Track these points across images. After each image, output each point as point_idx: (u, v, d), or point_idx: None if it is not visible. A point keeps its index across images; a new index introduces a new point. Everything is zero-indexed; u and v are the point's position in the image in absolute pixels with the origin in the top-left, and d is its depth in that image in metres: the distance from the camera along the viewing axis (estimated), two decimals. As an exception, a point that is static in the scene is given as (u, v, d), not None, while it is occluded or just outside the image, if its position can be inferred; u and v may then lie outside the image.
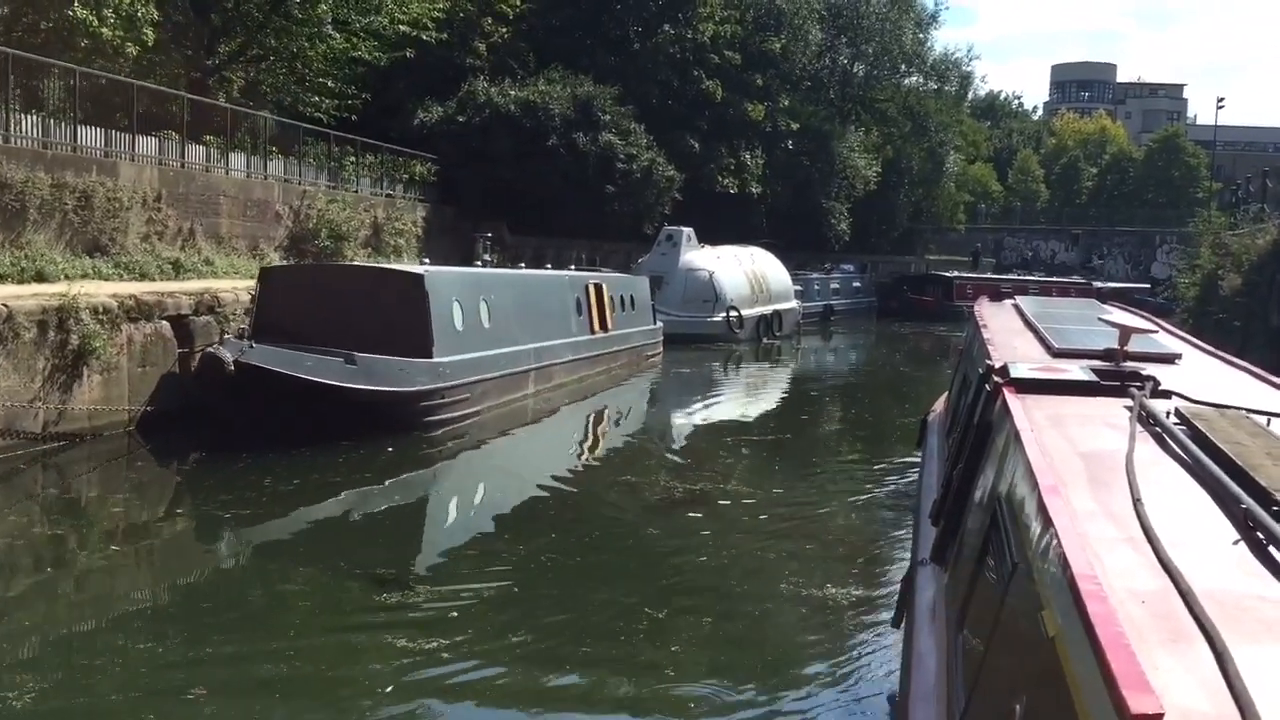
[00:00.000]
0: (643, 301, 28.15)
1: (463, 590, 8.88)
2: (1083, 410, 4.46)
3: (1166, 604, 2.36)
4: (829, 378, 30.14)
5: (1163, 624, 2.26)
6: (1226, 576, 2.56)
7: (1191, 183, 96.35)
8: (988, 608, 3.41)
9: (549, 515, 11.72)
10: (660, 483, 13.26)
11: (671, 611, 8.51)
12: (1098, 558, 2.58)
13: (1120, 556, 2.66)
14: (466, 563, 9.92)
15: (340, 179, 28.38)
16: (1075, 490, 3.23)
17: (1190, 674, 2.04)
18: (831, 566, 9.86)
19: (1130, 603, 2.35)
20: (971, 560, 4.09)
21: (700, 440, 18.33)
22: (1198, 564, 2.57)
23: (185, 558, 10.26)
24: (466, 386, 16.78)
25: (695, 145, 41.76)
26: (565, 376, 21.70)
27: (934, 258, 65.65)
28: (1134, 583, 2.48)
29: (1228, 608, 2.32)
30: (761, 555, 10.37)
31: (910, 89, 60.97)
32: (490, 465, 15.03)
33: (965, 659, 3.63)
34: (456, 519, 12.31)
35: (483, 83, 36.07)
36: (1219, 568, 2.62)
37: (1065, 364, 5.41)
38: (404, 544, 10.62)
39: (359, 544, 10.36)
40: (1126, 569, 2.57)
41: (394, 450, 14.12)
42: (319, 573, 9.41)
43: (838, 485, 14.07)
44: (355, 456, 13.58)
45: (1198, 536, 2.85)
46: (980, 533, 4.07)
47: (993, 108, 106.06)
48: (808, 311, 43.54)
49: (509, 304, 19.28)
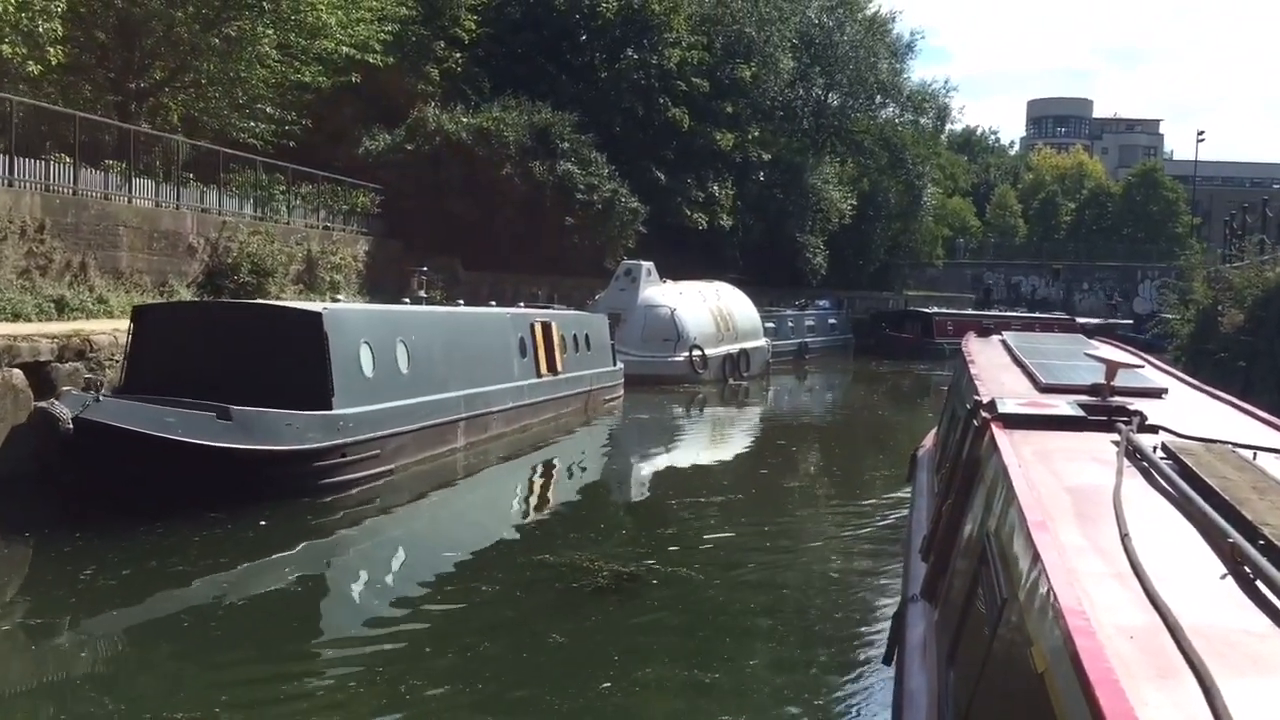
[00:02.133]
0: (600, 341, 25.96)
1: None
2: (1070, 445, 4.46)
3: (1155, 639, 2.35)
4: (802, 422, 27.95)
5: (1151, 660, 2.25)
6: (1214, 611, 2.54)
7: (1170, 217, 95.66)
8: (977, 644, 3.42)
9: (460, 613, 9.44)
10: (613, 540, 11.09)
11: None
12: (1086, 593, 2.58)
13: (1108, 592, 2.65)
14: (327, 694, 7.61)
15: (269, 209, 26.17)
16: (1063, 525, 3.23)
17: (1178, 710, 2.03)
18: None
19: (1118, 638, 2.34)
20: (961, 596, 4.09)
21: (657, 493, 16.17)
22: (1185, 599, 2.55)
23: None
24: (375, 442, 14.50)
25: (661, 176, 39.78)
26: (505, 426, 19.44)
27: (913, 293, 63.74)
28: (1122, 618, 2.47)
29: (1215, 643, 2.31)
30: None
31: (886, 120, 59.28)
32: (391, 538, 12.62)
33: (956, 695, 3.62)
34: (327, 619, 9.65)
35: (433, 109, 34.03)
36: (1207, 603, 2.60)
37: (1052, 399, 5.38)
38: (242, 664, 8.25)
39: (174, 669, 8.02)
40: (1114, 604, 2.56)
41: (269, 523, 11.77)
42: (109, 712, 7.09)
43: (819, 529, 11.87)
44: (218, 533, 11.25)
45: (1185, 571, 2.83)
46: (969, 568, 4.06)
47: (969, 142, 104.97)
48: (781, 350, 41.44)
49: (435, 346, 17.04)
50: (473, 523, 13.39)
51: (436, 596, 9.79)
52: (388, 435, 14.87)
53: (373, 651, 8.33)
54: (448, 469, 16.31)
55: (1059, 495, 3.59)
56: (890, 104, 58.60)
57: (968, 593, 3.93)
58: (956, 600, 4.18)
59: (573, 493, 16.26)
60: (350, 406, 14.04)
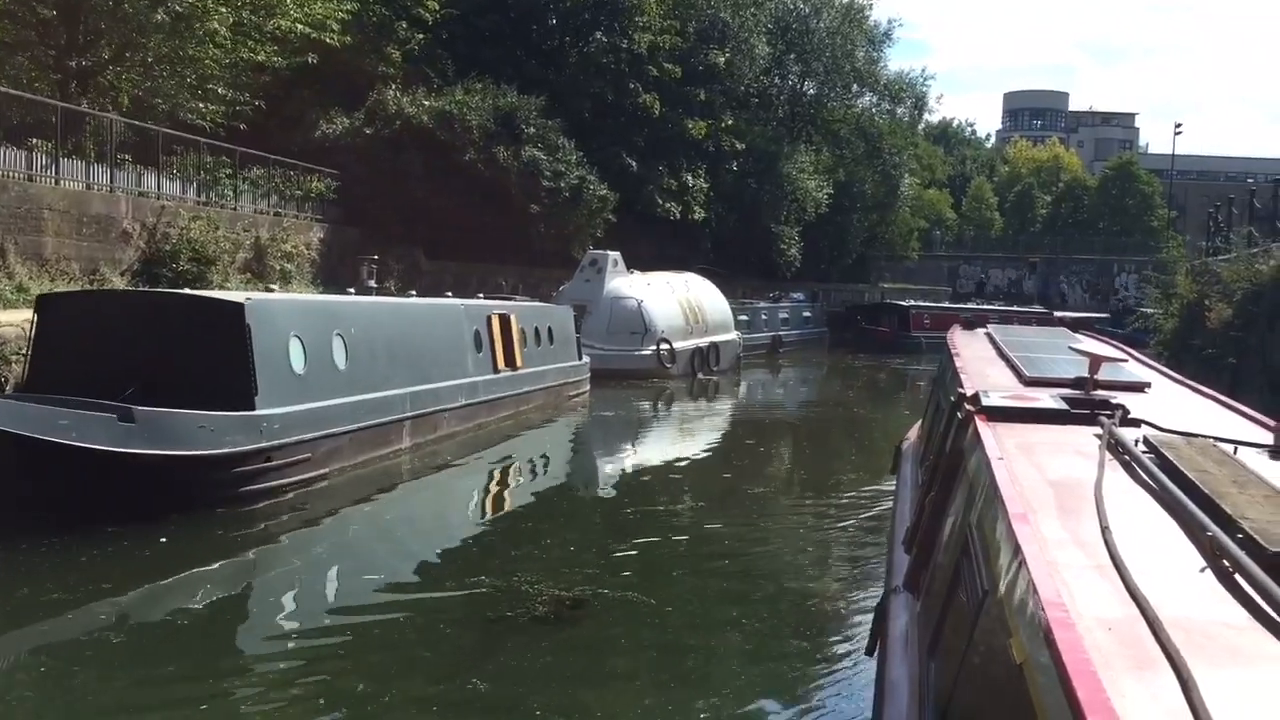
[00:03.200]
0: (564, 334, 24.77)
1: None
2: (1053, 438, 4.48)
3: (1133, 631, 2.36)
4: (774, 418, 26.85)
5: (1129, 651, 2.26)
6: (1193, 604, 2.56)
7: (1146, 211, 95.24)
8: (958, 635, 3.42)
9: (367, 652, 8.26)
10: (562, 556, 9.95)
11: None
12: (1066, 585, 2.59)
13: (1088, 584, 2.66)
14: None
15: (214, 194, 24.82)
16: (1045, 518, 3.24)
17: (1155, 701, 2.05)
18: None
19: (1097, 630, 2.35)
20: (943, 588, 4.10)
21: (617, 498, 15.02)
22: (1165, 591, 2.57)
23: None
24: (306, 444, 13.28)
25: (632, 164, 38.57)
26: (457, 425, 18.24)
27: (889, 285, 62.80)
28: (1101, 610, 2.48)
29: (1194, 635, 2.33)
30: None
31: (863, 110, 58.24)
32: (309, 557, 11.21)
33: (937, 686, 3.62)
34: (201, 653, 8.09)
35: (393, 92, 32.68)
36: (1186, 595, 2.62)
37: (1036, 392, 5.40)
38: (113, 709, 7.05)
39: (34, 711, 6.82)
40: (1094, 596, 2.58)
41: (172, 539, 10.50)
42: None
43: (791, 539, 10.79)
44: (110, 552, 9.99)
45: (1165, 564, 2.85)
46: (952, 560, 4.05)
47: (946, 134, 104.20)
48: (755, 343, 40.38)
49: (378, 340, 15.82)
50: (405, 536, 12.13)
51: (344, 630, 8.58)
52: (320, 437, 13.65)
53: (245, 700, 7.14)
54: (390, 472, 15.10)
55: (1041, 488, 3.61)
56: (867, 93, 57.64)
57: (950, 584, 3.94)
58: (939, 591, 4.21)
59: (523, 499, 15.05)
60: (276, 406, 12.81)
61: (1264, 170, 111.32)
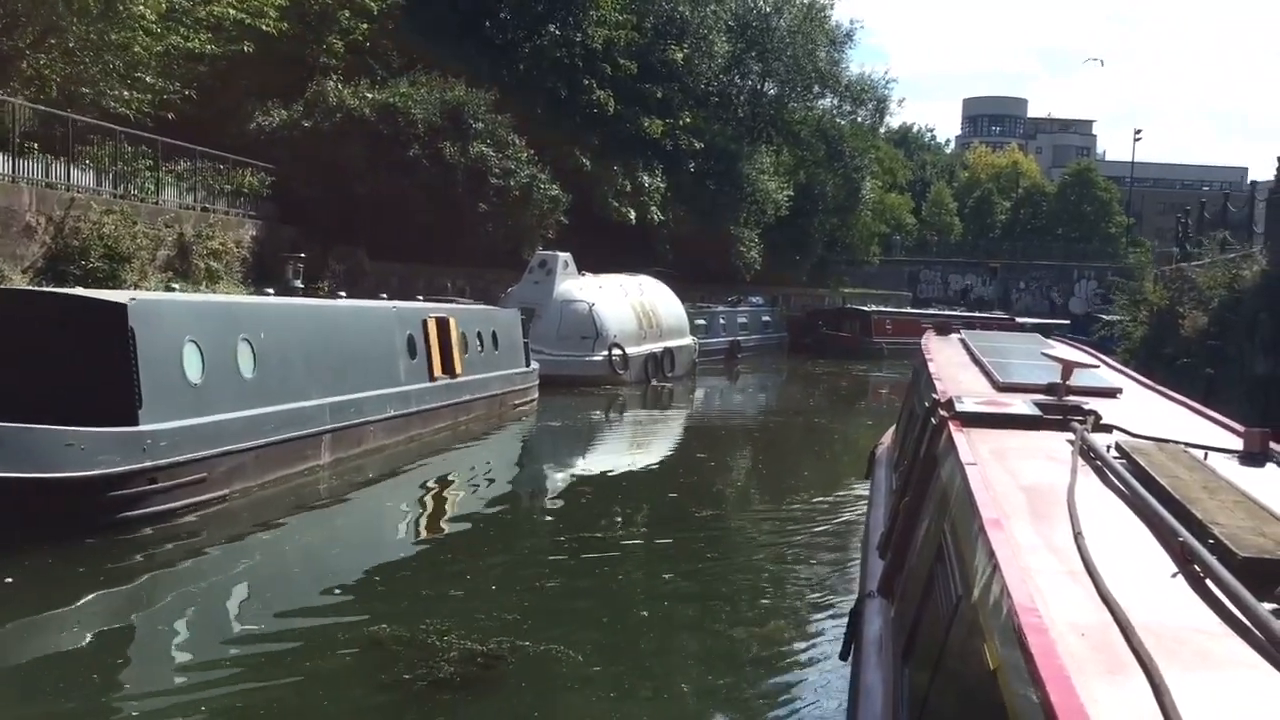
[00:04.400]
0: (510, 339, 23.36)
1: None
2: (1026, 444, 4.49)
3: (1106, 636, 2.37)
4: (730, 427, 25.55)
5: (1102, 656, 2.27)
6: (1164, 609, 2.56)
7: (1104, 217, 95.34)
8: (932, 640, 3.44)
9: (250, 709, 6.83)
10: (485, 595, 8.55)
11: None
12: (1039, 591, 2.59)
13: (1061, 589, 2.67)
14: None
15: (133, 187, 23.15)
16: (1018, 523, 3.23)
17: (1127, 705, 2.04)
18: None
19: (1070, 635, 2.36)
20: (917, 593, 4.09)
21: (557, 520, 13.67)
22: (1137, 596, 2.58)
23: None
24: (201, 463, 11.80)
25: (586, 163, 37.13)
26: (386, 438, 16.78)
27: (849, 290, 61.78)
28: (1074, 615, 2.48)
29: (1165, 640, 2.34)
30: None
31: (824, 111, 57.14)
32: (185, 595, 9.55)
33: (911, 691, 3.63)
34: None
35: (334, 83, 31.07)
36: (1157, 600, 2.62)
37: (1009, 398, 5.42)
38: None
39: None
40: (1067, 602, 2.58)
41: (20, 580, 9.02)
42: None
43: (749, 569, 9.46)
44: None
45: (1137, 569, 2.85)
46: (926, 565, 4.08)
47: (906, 139, 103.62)
48: (712, 349, 39.11)
49: (293, 346, 14.34)
50: (300, 572, 10.58)
51: (204, 692, 7.13)
52: (219, 454, 12.16)
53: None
54: (303, 492, 13.60)
55: (1014, 493, 3.62)
56: (829, 94, 56.54)
57: (924, 589, 3.93)
58: (913, 597, 4.20)
59: (447, 523, 13.56)
60: (165, 420, 11.32)
61: (1218, 179, 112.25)
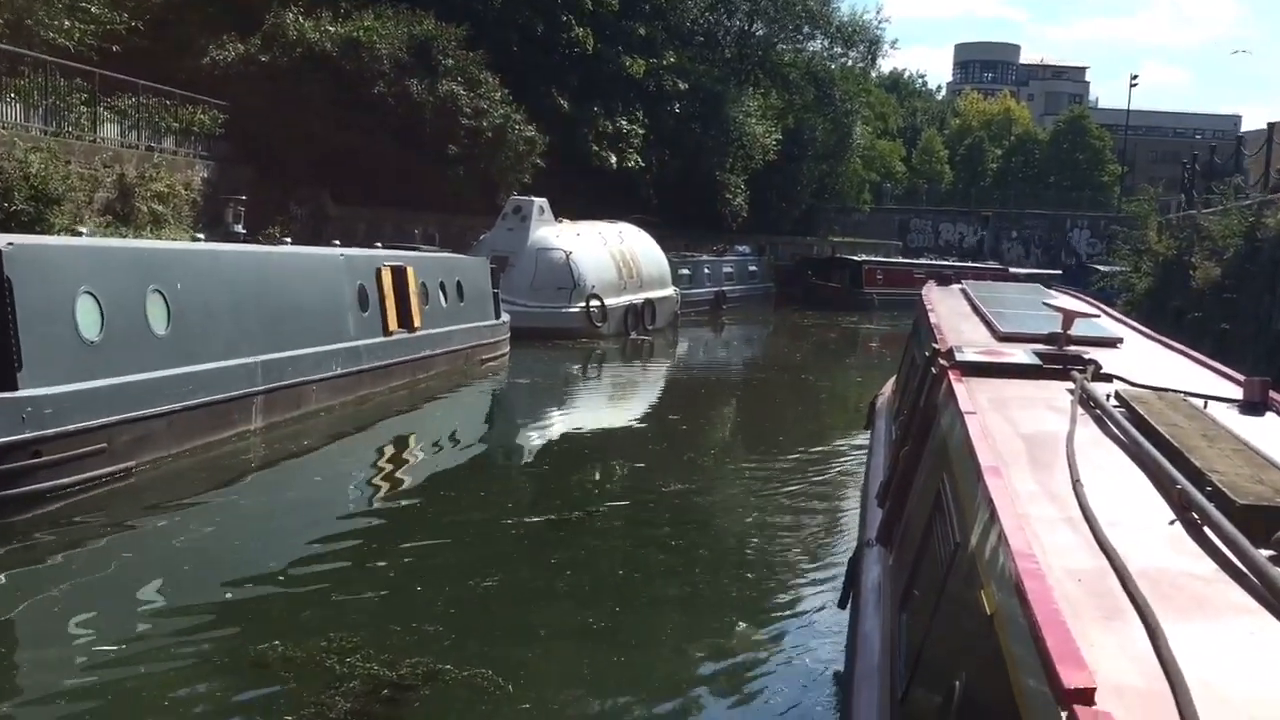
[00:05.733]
0: (477, 289, 21.80)
1: None
2: (1026, 393, 4.48)
3: (1102, 582, 2.37)
4: (713, 383, 24.08)
5: (1098, 602, 2.27)
6: (1161, 555, 2.58)
7: (1096, 166, 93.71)
8: (930, 587, 3.44)
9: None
10: (413, 602, 7.09)
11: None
12: (1036, 537, 2.59)
13: (1059, 536, 2.68)
14: None
15: (67, 123, 21.38)
16: (1016, 471, 3.25)
17: (1123, 650, 2.06)
18: None
19: (1067, 581, 2.36)
20: (915, 540, 4.12)
21: (515, 493, 12.15)
22: (1134, 543, 2.60)
23: None
24: (98, 432, 10.28)
25: (564, 104, 35.34)
26: (330, 399, 15.27)
27: (838, 239, 60.15)
28: (1071, 562, 2.49)
29: (1161, 585, 2.34)
30: None
31: (814, 54, 55.14)
32: (53, 597, 7.94)
33: (908, 638, 3.67)
34: None
35: (293, 15, 29.16)
36: (1154, 547, 2.64)
37: (1010, 348, 5.42)
38: None
39: None
40: (1064, 548, 2.59)
41: None
42: None
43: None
44: None
45: (1134, 517, 2.86)
46: (924, 513, 4.11)
47: (897, 85, 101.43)
48: (697, 299, 37.61)
49: (218, 298, 12.77)
50: (197, 563, 8.89)
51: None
52: (122, 421, 10.64)
53: None
54: (226, 463, 12.09)
55: (1013, 442, 3.62)
56: (819, 35, 54.50)
57: (922, 537, 3.93)
58: (911, 544, 4.20)
59: (384, 499, 11.97)
60: (52, 384, 9.78)
61: (1210, 127, 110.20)
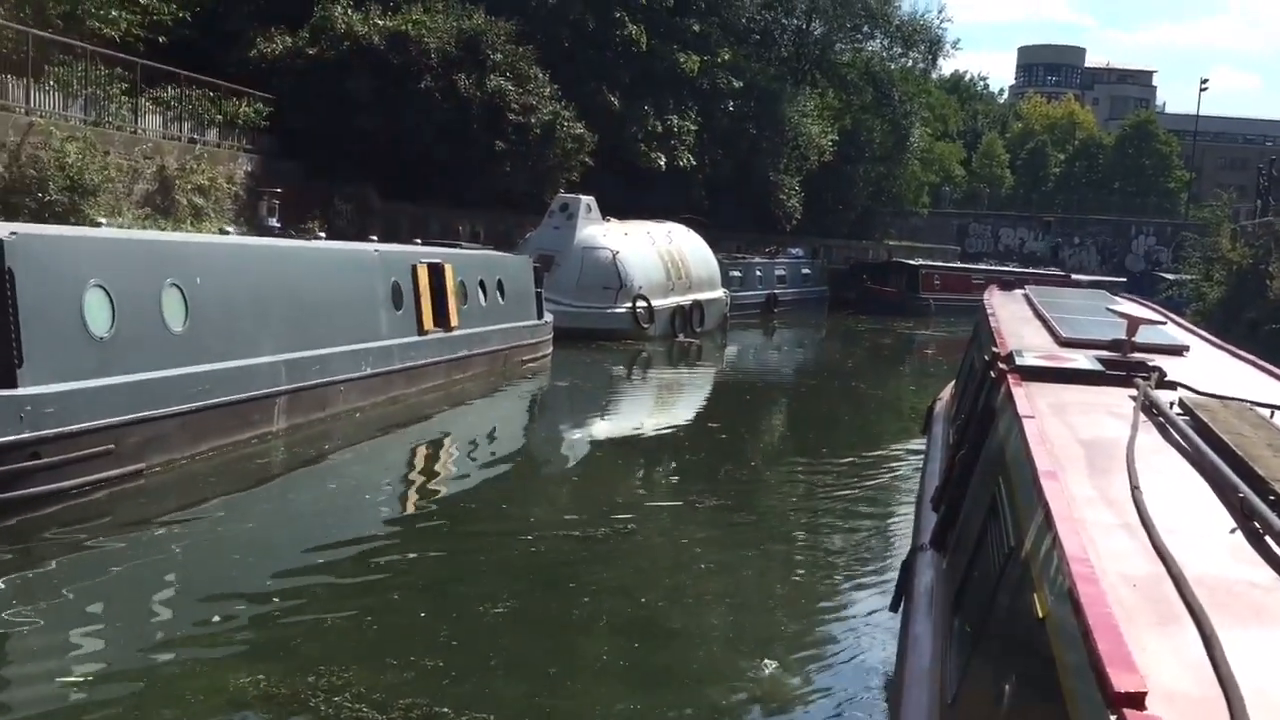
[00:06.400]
0: (518, 288, 21.19)
1: None
2: (1086, 399, 4.43)
3: (1158, 588, 2.34)
4: (759, 388, 23.27)
5: (1152, 607, 2.25)
6: (1220, 562, 2.54)
7: (1163, 172, 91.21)
8: (983, 591, 3.42)
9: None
10: (423, 640, 6.44)
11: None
12: (1091, 542, 2.56)
13: (1115, 541, 2.66)
14: None
15: (105, 113, 21.08)
16: (1074, 476, 3.21)
17: (1176, 656, 2.02)
18: None
19: (1121, 586, 2.33)
20: (969, 544, 4.11)
21: (557, 496, 11.46)
22: (1192, 550, 2.54)
23: None
24: (106, 433, 9.75)
25: (614, 101, 34.69)
26: (360, 400, 14.71)
27: (894, 243, 58.97)
28: (1126, 567, 2.46)
29: (1219, 593, 2.31)
30: None
31: (873, 53, 54.05)
32: (48, 610, 7.31)
33: (960, 641, 3.64)
34: None
35: (342, 8, 28.79)
36: (1213, 554, 2.59)
37: (1072, 353, 5.37)
38: None
39: None
40: (1120, 553, 2.56)
41: None
42: None
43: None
44: None
45: (1194, 524, 2.83)
46: (979, 517, 4.08)
47: (957, 88, 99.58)
48: (748, 302, 36.81)
49: (240, 294, 12.24)
50: (190, 578, 8.14)
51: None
52: (132, 421, 10.11)
53: None
54: (243, 466, 11.53)
55: (1072, 447, 3.58)
56: (878, 35, 53.41)
57: (976, 541, 3.90)
58: (965, 548, 4.17)
59: (404, 508, 11.29)
60: (55, 381, 9.26)
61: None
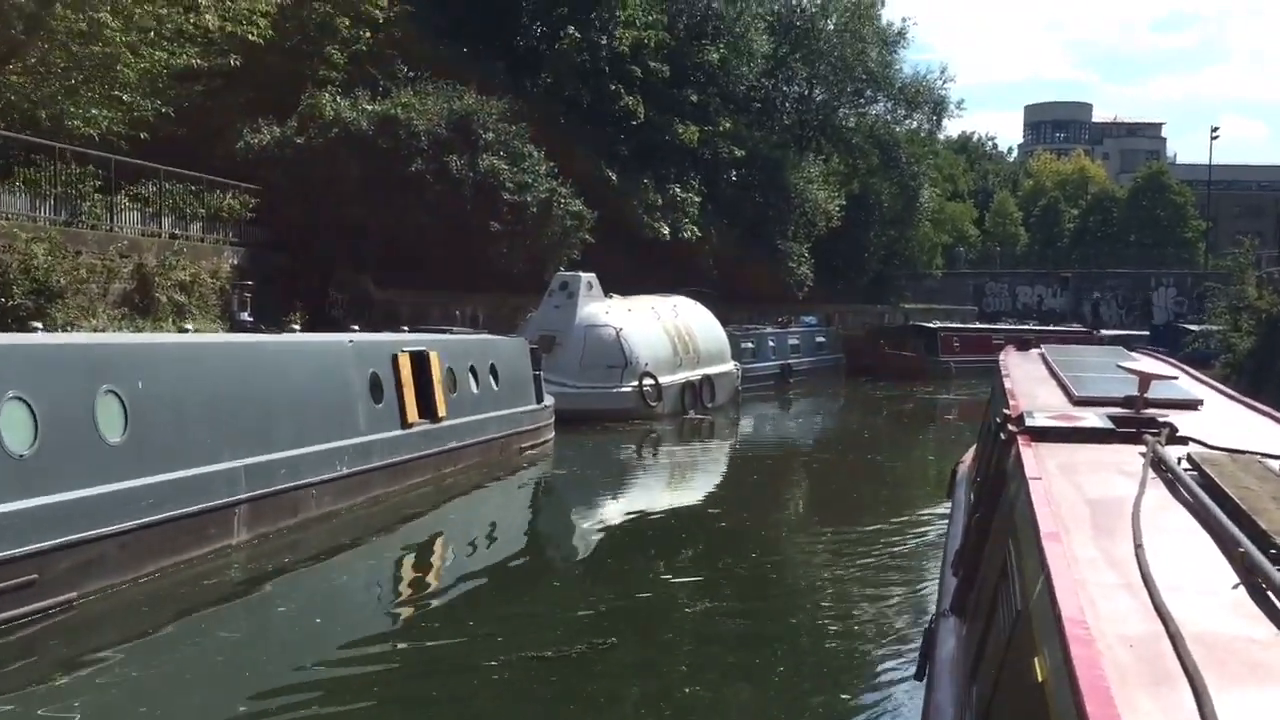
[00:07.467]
0: (515, 372, 20.14)
1: None
2: (1096, 458, 4.46)
3: (1155, 648, 2.35)
4: (778, 462, 22.01)
5: (1148, 667, 2.27)
6: (1219, 620, 2.56)
7: (1178, 222, 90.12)
8: (996, 656, 3.45)
9: None
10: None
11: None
12: (1091, 603, 2.59)
13: (1115, 602, 2.67)
14: None
15: (80, 212, 20.34)
16: (1078, 537, 3.24)
17: (1167, 716, 2.03)
18: None
19: (1118, 647, 2.36)
20: (985, 610, 4.10)
21: (555, 611, 10.24)
22: (1193, 608, 2.57)
23: None
24: (25, 562, 8.66)
25: (612, 175, 33.95)
26: (335, 503, 13.59)
27: (910, 306, 57.92)
28: (1125, 627, 2.48)
29: (1216, 650, 2.33)
30: None
31: (877, 116, 53.51)
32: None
33: (978, 710, 3.65)
34: None
35: (329, 95, 28.23)
36: (1213, 611, 2.61)
37: (1084, 412, 5.39)
38: None
39: None
40: (1119, 614, 2.58)
41: None
42: None
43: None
44: None
45: (1196, 581, 2.84)
46: (993, 582, 4.07)
47: (965, 148, 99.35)
48: (761, 374, 35.66)
49: (190, 396, 11.19)
50: None
51: None
52: (58, 546, 9.01)
53: None
54: (195, 587, 10.37)
55: (1079, 507, 3.62)
56: (881, 98, 52.91)
57: (990, 606, 3.93)
58: (981, 614, 4.21)
59: (381, 627, 10.07)
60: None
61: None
